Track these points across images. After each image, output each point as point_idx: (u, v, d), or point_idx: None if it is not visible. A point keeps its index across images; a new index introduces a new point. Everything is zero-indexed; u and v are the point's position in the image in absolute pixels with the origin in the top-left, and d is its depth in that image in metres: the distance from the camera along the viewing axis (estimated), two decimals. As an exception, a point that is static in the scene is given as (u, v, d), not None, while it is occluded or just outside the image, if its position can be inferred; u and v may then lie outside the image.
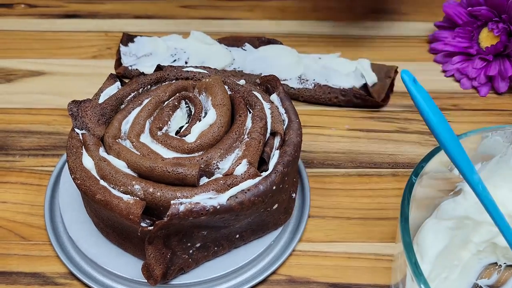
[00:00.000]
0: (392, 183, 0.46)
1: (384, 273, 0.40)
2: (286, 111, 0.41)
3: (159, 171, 0.36)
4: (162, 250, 0.36)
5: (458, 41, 0.58)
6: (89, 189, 0.36)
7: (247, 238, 0.40)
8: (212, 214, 0.35)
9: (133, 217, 0.34)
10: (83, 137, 0.39)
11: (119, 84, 0.43)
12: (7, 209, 0.43)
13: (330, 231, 0.43)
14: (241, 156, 0.37)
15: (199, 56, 0.55)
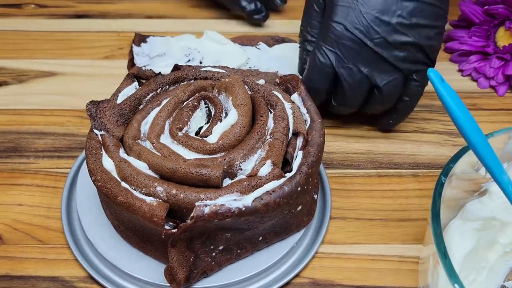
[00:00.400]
0: (413, 184, 0.46)
1: (409, 276, 0.39)
2: (308, 111, 0.41)
3: (182, 173, 0.35)
4: (185, 253, 0.36)
5: (474, 40, 0.58)
6: (111, 191, 0.35)
7: (270, 241, 0.39)
8: (237, 216, 0.34)
9: (156, 219, 0.34)
10: (103, 138, 0.38)
11: (136, 84, 0.42)
12: (23, 211, 0.43)
13: (352, 232, 0.42)
14: (264, 157, 0.37)
15: (214, 55, 0.54)
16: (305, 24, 0.48)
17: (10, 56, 0.56)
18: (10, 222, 0.42)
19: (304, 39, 0.48)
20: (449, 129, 0.51)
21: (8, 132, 0.49)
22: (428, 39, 0.44)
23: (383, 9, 0.43)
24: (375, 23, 0.43)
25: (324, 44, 0.44)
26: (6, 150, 0.47)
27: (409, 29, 0.43)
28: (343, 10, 0.43)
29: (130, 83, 0.42)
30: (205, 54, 0.55)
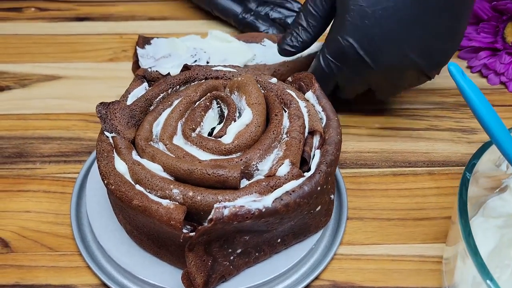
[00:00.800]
0: (428, 182, 0.45)
1: (431, 276, 0.38)
2: (324, 109, 0.40)
3: (198, 174, 0.34)
4: (203, 257, 0.34)
5: (483, 36, 0.57)
6: (125, 195, 0.34)
7: (289, 243, 0.38)
8: (257, 217, 0.33)
9: (174, 222, 0.32)
10: (114, 140, 0.37)
11: (146, 85, 0.41)
12: (31, 218, 0.41)
13: (370, 233, 0.41)
14: (282, 157, 0.36)
15: (220, 54, 0.53)
16: (305, 10, 0.46)
17: (12, 60, 0.55)
18: (18, 230, 0.41)
19: (298, 23, 0.47)
20: (463, 126, 0.50)
21: (12, 138, 0.47)
22: (436, 65, 0.45)
23: (394, 33, 0.42)
24: (384, 47, 0.42)
25: (328, 56, 0.44)
26: (11, 155, 0.46)
27: (418, 56, 0.43)
28: (352, 28, 0.42)
29: (139, 84, 0.41)
30: (211, 53, 0.54)
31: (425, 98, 0.53)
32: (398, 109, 0.51)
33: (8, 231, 0.41)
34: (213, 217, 0.32)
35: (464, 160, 0.47)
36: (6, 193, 0.43)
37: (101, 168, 0.36)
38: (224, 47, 0.54)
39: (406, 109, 0.52)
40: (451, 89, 0.54)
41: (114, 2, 0.63)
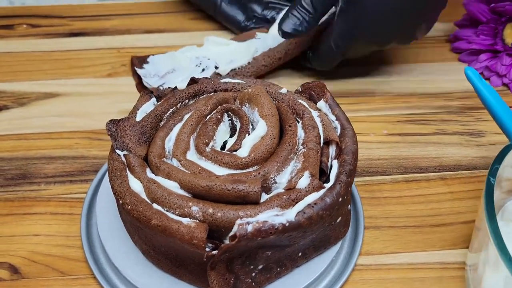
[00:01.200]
0: (442, 188, 0.45)
1: (453, 283, 0.38)
2: (337, 118, 0.39)
3: (217, 190, 0.33)
4: (225, 275, 0.33)
5: (482, 38, 0.57)
6: (143, 215, 0.33)
7: (309, 256, 0.37)
8: (281, 232, 0.32)
9: (197, 241, 0.31)
10: (127, 158, 0.36)
11: (154, 100, 0.40)
12: (40, 242, 0.40)
13: (388, 242, 0.41)
14: (301, 168, 0.35)
15: (224, 57, 0.53)
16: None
17: (8, 79, 0.54)
18: (27, 254, 0.39)
19: (303, 6, 0.48)
20: (470, 129, 0.50)
21: (14, 159, 0.46)
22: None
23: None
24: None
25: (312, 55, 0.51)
26: (14, 177, 0.44)
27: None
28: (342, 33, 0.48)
29: (147, 100, 0.40)
30: (215, 58, 0.53)
31: (430, 103, 0.53)
32: (404, 115, 0.51)
33: (18, 256, 0.39)
34: (237, 234, 0.31)
35: (474, 164, 0.47)
36: (12, 216, 0.42)
37: (115, 188, 0.35)
38: (226, 50, 0.54)
39: (412, 114, 0.51)
40: (455, 93, 0.54)
41: (108, 16, 0.62)
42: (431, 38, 0.61)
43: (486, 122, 0.51)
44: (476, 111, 0.52)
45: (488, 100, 0.34)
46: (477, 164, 0.47)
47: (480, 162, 0.47)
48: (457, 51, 0.59)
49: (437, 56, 0.59)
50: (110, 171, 0.36)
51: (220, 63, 0.52)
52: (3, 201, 0.43)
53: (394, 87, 0.54)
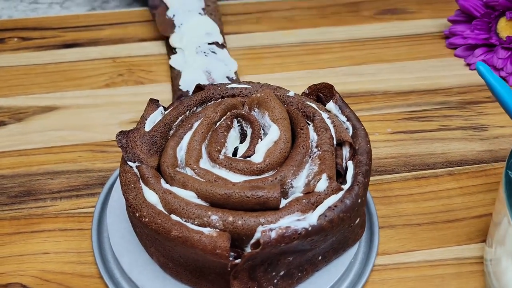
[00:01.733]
0: (451, 183, 0.45)
1: (472, 278, 0.38)
2: (349, 119, 0.39)
3: (236, 197, 0.33)
4: (248, 284, 0.33)
5: (476, 33, 0.58)
6: (161, 227, 0.32)
7: (329, 259, 0.37)
8: (304, 237, 0.32)
9: (220, 251, 0.31)
10: (140, 170, 0.35)
11: (162, 109, 0.40)
12: (50, 260, 0.39)
13: (403, 240, 0.41)
14: (317, 171, 0.35)
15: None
16: None
17: (2, 94, 0.53)
18: (38, 274, 0.38)
19: None
20: (472, 123, 0.50)
21: (16, 176, 0.45)
22: None
23: None
24: None
25: None
26: (19, 195, 0.43)
27: None
28: None
29: (155, 109, 0.39)
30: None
31: (430, 99, 0.53)
32: (405, 112, 0.51)
33: (29, 276, 0.38)
34: (261, 241, 0.31)
35: (480, 158, 0.47)
36: (19, 235, 0.41)
37: (130, 201, 0.34)
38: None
39: (414, 112, 0.51)
40: (454, 88, 0.54)
41: (100, 26, 0.61)
42: (426, 34, 0.61)
43: (488, 116, 0.51)
44: (476, 105, 0.52)
45: (501, 94, 0.34)
46: (483, 158, 0.47)
47: (486, 155, 0.47)
48: (452, 47, 0.59)
49: (432, 52, 0.59)
50: (124, 184, 0.35)
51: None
52: (9, 219, 0.42)
53: (393, 85, 0.55)
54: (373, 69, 0.56)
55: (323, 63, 0.57)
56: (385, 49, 0.59)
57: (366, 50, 0.58)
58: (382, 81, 0.55)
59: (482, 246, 0.40)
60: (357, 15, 0.64)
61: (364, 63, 0.57)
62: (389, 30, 0.61)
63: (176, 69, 0.53)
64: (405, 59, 0.58)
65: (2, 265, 0.39)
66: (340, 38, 0.60)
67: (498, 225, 0.34)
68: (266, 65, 0.56)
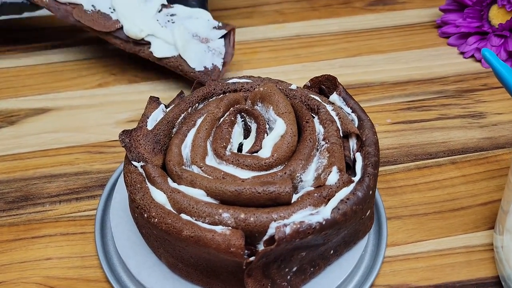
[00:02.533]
0: (454, 172, 0.45)
1: (482, 265, 0.38)
2: (353, 110, 0.39)
3: (247, 194, 0.32)
4: (262, 281, 0.32)
5: (468, 21, 0.58)
6: (172, 227, 0.32)
7: (340, 252, 0.36)
8: (318, 231, 0.31)
9: (235, 249, 0.30)
10: (145, 169, 0.34)
11: (163, 106, 0.39)
12: (54, 266, 0.38)
13: (411, 230, 0.40)
14: (327, 164, 0.34)
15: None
16: None
17: (-8, 97, 0.51)
18: (42, 280, 0.37)
19: None
20: (470, 111, 0.50)
21: (12, 181, 0.44)
22: None
23: None
24: None
25: None
26: (16, 200, 0.42)
27: None
28: None
29: (156, 107, 0.38)
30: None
31: (427, 89, 0.53)
32: (403, 102, 0.51)
33: (32, 283, 0.37)
34: (276, 237, 0.30)
35: (481, 145, 0.47)
36: (19, 242, 0.39)
37: (137, 202, 0.33)
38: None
39: (412, 101, 0.51)
40: (450, 77, 0.54)
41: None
42: (418, 24, 0.61)
43: (485, 103, 0.51)
44: (473, 93, 0.52)
45: (508, 81, 0.34)
46: (484, 145, 0.47)
47: (486, 143, 0.47)
48: (445, 36, 0.59)
49: (426, 42, 0.59)
50: (129, 185, 0.34)
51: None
52: (8, 226, 0.40)
53: (389, 76, 0.54)
54: (368, 60, 0.56)
55: (318, 55, 0.57)
56: (378, 40, 0.58)
57: (360, 41, 0.58)
58: (378, 72, 0.55)
59: (489, 233, 0.40)
60: (348, 6, 0.64)
61: (359, 55, 0.57)
62: (381, 21, 0.61)
63: (171, 57, 0.50)
64: (399, 50, 0.57)
65: (3, 273, 0.38)
66: (333, 30, 0.60)
67: (508, 212, 0.34)
68: (261, 59, 0.56)
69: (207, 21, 0.51)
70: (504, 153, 0.46)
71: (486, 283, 0.37)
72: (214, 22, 0.52)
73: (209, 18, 0.52)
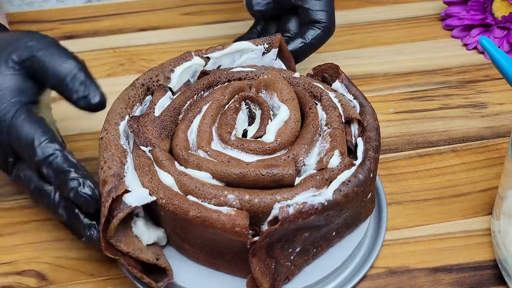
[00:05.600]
0: (454, 159, 0.45)
1: (480, 249, 0.39)
2: (355, 97, 0.40)
3: (252, 176, 0.33)
4: (266, 261, 0.33)
5: (472, 14, 0.58)
6: (179, 207, 0.33)
7: (342, 234, 0.37)
8: (320, 212, 0.32)
9: (239, 229, 0.31)
10: (153, 153, 0.36)
11: (170, 94, 0.40)
12: (64, 247, 0.39)
13: (411, 215, 0.41)
14: (329, 148, 0.35)
15: None
16: None
17: None
18: (53, 260, 0.38)
19: None
20: (472, 101, 0.51)
21: (24, 166, 0.45)
22: None
23: None
24: None
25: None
26: (28, 185, 0.43)
27: None
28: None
29: (163, 94, 0.40)
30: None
31: (430, 79, 0.54)
32: (406, 93, 0.52)
33: (43, 263, 0.38)
34: (279, 216, 0.31)
35: (482, 134, 0.48)
36: (32, 223, 0.41)
37: (145, 184, 0.35)
38: None
39: (415, 92, 0.52)
40: (452, 68, 0.55)
41: (98, 17, 0.61)
42: (422, 17, 0.62)
43: (487, 94, 0.52)
44: (475, 84, 0.53)
45: (505, 68, 0.35)
46: (484, 134, 0.48)
47: (487, 132, 0.48)
48: (449, 28, 0.60)
49: (430, 34, 0.60)
50: (138, 168, 0.35)
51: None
52: (20, 209, 0.42)
53: (392, 67, 0.55)
54: (372, 52, 0.57)
55: (323, 47, 0.57)
56: (383, 32, 0.59)
57: (365, 33, 0.59)
58: (382, 63, 0.55)
59: (488, 218, 0.41)
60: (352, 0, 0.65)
61: (363, 46, 0.57)
62: (386, 14, 0.62)
63: None
64: (403, 41, 0.58)
65: (16, 253, 0.39)
66: (338, 22, 0.61)
67: (505, 198, 0.35)
68: (267, 50, 0.57)
69: (252, 51, 0.44)
70: (504, 141, 0.47)
71: (484, 266, 0.38)
72: (259, 48, 0.44)
73: (252, 48, 0.44)
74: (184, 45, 0.57)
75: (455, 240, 0.40)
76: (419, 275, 0.38)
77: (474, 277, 0.37)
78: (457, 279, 0.37)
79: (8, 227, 0.41)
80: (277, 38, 0.43)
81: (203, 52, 0.42)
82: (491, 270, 0.38)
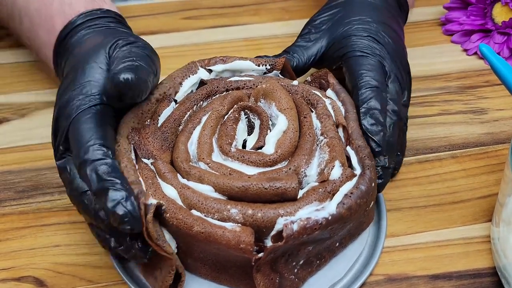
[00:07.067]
0: (454, 166, 0.45)
1: (480, 256, 0.39)
2: (343, 103, 0.39)
3: (254, 189, 0.33)
4: (270, 275, 0.33)
5: (472, 19, 0.58)
6: (183, 222, 0.33)
7: (345, 244, 0.37)
8: (325, 226, 0.32)
9: (244, 246, 0.31)
10: (155, 166, 0.35)
11: (174, 104, 0.40)
12: (62, 252, 0.39)
13: (410, 222, 0.41)
14: (329, 159, 0.35)
15: None
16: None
17: (3, 91, 0.52)
18: (51, 266, 0.38)
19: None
20: (472, 107, 0.51)
21: (23, 171, 0.45)
22: None
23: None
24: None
25: None
26: (26, 189, 0.43)
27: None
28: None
29: (167, 105, 0.39)
30: None
31: (430, 85, 0.53)
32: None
33: (41, 269, 0.38)
34: (284, 234, 0.31)
35: (482, 140, 0.48)
36: (29, 229, 0.41)
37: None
38: None
39: (414, 97, 0.52)
40: (453, 74, 0.55)
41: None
42: (423, 22, 0.62)
43: (487, 99, 0.52)
44: (475, 89, 0.53)
45: (505, 76, 0.35)
46: (484, 141, 0.48)
47: (487, 138, 0.48)
48: (449, 33, 0.60)
49: (430, 39, 0.59)
50: (142, 180, 0.35)
51: None
52: (18, 214, 0.42)
53: (392, 72, 0.55)
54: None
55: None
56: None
57: (364, 37, 0.59)
58: (382, 67, 0.55)
59: (488, 225, 0.41)
60: (352, 3, 0.64)
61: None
62: (385, 17, 0.62)
63: None
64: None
65: (14, 259, 0.39)
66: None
67: (504, 205, 0.35)
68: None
69: (252, 71, 0.43)
70: (504, 148, 0.47)
71: (483, 273, 0.38)
72: (261, 68, 0.43)
73: (253, 68, 0.43)
74: (184, 49, 0.57)
75: (454, 247, 0.40)
76: (418, 283, 0.38)
77: (473, 284, 0.37)
78: (457, 286, 0.37)
79: (6, 232, 0.41)
80: (281, 61, 0.42)
81: (206, 63, 0.42)
82: (491, 278, 0.38)
